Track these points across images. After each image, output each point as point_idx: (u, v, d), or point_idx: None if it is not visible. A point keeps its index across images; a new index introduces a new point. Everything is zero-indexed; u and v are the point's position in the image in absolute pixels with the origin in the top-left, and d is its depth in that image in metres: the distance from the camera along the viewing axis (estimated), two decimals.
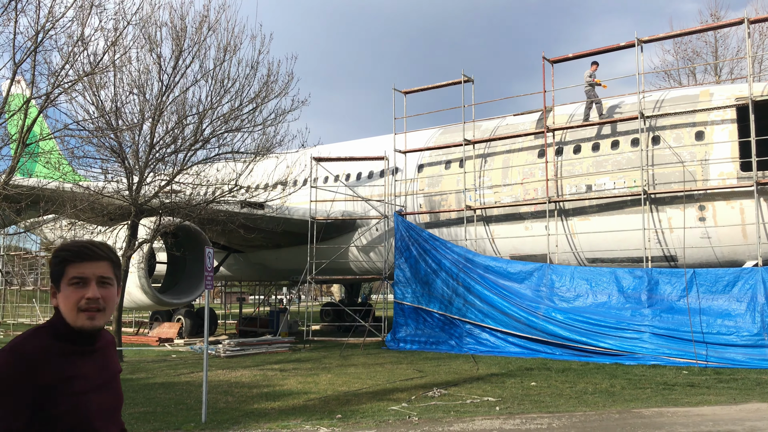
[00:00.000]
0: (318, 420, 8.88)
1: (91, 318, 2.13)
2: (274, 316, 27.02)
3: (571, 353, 16.41)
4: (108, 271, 2.18)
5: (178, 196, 17.76)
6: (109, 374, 2.25)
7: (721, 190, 16.40)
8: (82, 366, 2.14)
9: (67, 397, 2.05)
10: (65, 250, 2.17)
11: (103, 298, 2.15)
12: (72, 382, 2.08)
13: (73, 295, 2.12)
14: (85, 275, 2.13)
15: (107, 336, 2.36)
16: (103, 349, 2.28)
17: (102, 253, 2.19)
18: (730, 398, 10.47)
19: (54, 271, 2.17)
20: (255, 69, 17.27)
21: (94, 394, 2.13)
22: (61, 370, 2.07)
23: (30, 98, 13.07)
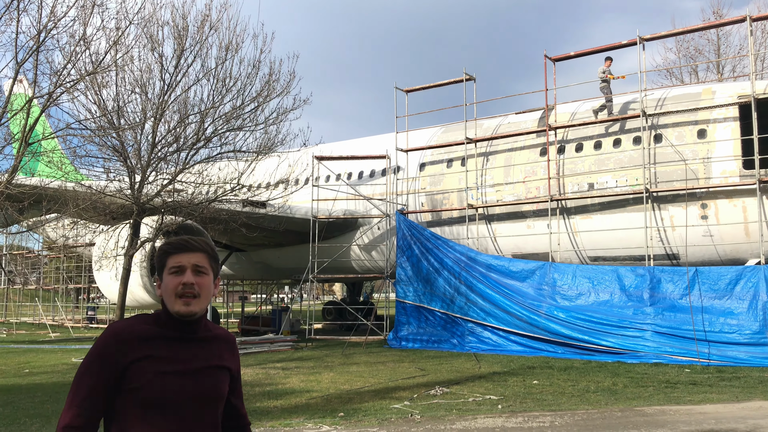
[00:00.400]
0: (320, 418, 8.89)
1: (187, 303, 2.30)
2: (276, 314, 27.04)
3: (574, 351, 16.41)
4: (203, 261, 2.36)
5: (181, 195, 17.78)
6: (205, 365, 2.33)
7: (723, 188, 16.38)
8: (173, 350, 2.28)
9: (148, 374, 2.20)
10: (167, 244, 2.40)
11: (198, 285, 2.32)
12: (156, 361, 2.23)
13: (171, 282, 2.32)
14: (181, 263, 2.32)
15: (220, 332, 2.49)
16: (208, 342, 2.39)
17: (198, 245, 2.38)
18: (733, 396, 10.46)
19: (157, 264, 2.38)
20: (257, 68, 17.29)
21: (178, 378, 2.24)
22: (147, 349, 2.24)
23: (32, 97, 13.10)
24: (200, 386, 2.28)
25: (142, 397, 2.19)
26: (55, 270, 36.33)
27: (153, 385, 2.20)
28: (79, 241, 25.79)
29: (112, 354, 2.22)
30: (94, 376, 2.21)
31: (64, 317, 33.55)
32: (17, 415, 9.40)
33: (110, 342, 2.25)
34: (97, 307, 36.25)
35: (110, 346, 2.24)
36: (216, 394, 2.34)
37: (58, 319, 33.20)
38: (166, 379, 2.22)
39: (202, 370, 2.31)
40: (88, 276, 31.43)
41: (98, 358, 2.23)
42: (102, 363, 2.22)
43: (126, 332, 2.27)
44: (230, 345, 2.49)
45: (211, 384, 2.32)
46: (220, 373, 2.38)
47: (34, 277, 37.13)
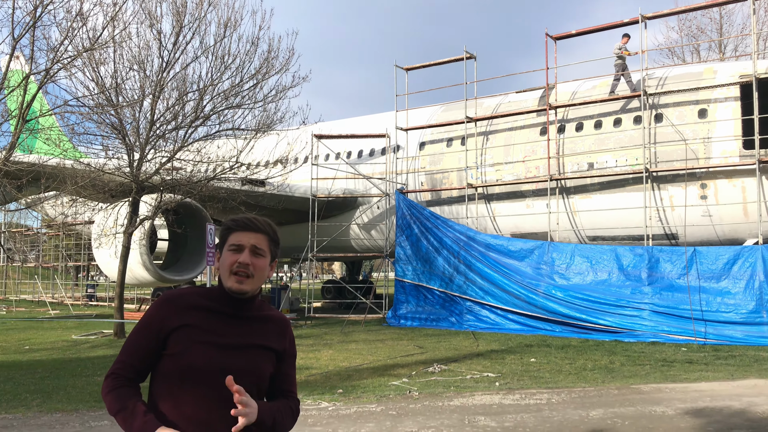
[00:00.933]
0: (320, 395, 8.97)
1: (240, 282, 2.33)
2: (275, 293, 27.13)
3: (571, 330, 16.52)
4: (262, 243, 2.39)
5: (179, 173, 17.74)
6: (246, 343, 2.35)
7: (723, 168, 16.36)
8: (218, 324, 2.33)
9: (187, 342, 2.26)
10: (232, 221, 2.43)
11: (253, 266, 2.35)
12: (198, 331, 2.29)
13: (228, 259, 2.36)
14: (241, 242, 2.36)
15: (273, 314, 2.51)
16: (257, 322, 2.42)
17: (261, 226, 2.42)
18: (728, 374, 10.55)
19: (220, 238, 2.46)
20: (255, 45, 17.14)
21: (215, 350, 2.28)
22: (193, 318, 2.30)
23: (29, 74, 13.00)
24: (236, 361, 2.29)
25: (180, 363, 2.25)
26: (54, 248, 36.39)
27: (190, 353, 2.25)
28: (78, 219, 25.78)
29: (160, 318, 2.31)
30: (141, 337, 2.33)
31: (63, 295, 33.66)
32: (18, 390, 9.47)
33: (160, 307, 2.35)
34: (97, 284, 36.36)
35: (160, 310, 2.34)
36: (252, 371, 2.33)
37: (58, 297, 33.32)
38: (204, 349, 2.26)
39: (242, 347, 2.34)
40: (87, 254, 31.48)
41: (148, 320, 2.34)
42: (150, 326, 2.33)
43: (176, 299, 2.35)
44: (281, 327, 2.51)
45: (248, 361, 2.33)
46: (261, 352, 2.38)
47: (33, 255, 37.19)
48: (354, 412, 7.92)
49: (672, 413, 7.65)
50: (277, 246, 2.49)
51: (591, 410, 7.86)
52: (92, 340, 16.38)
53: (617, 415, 7.60)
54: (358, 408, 8.13)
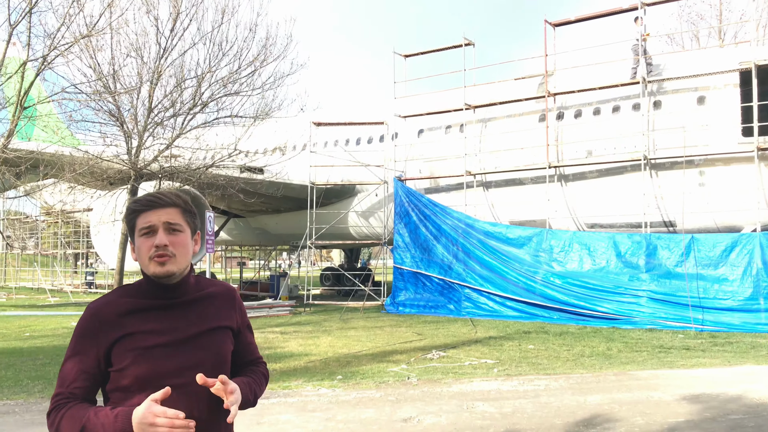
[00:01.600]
0: (319, 381, 9.03)
1: (162, 264, 2.08)
2: (274, 280, 27.22)
3: (569, 317, 16.60)
4: (176, 218, 2.13)
5: (178, 161, 17.73)
6: (199, 331, 2.14)
7: (721, 156, 16.37)
8: (159, 321, 2.10)
9: (133, 352, 2.04)
10: (134, 202, 2.16)
11: (172, 244, 2.10)
12: (140, 337, 2.06)
13: (143, 245, 2.10)
14: (151, 223, 2.10)
15: (215, 288, 2.28)
16: (200, 302, 2.20)
17: (169, 200, 2.15)
18: (725, 361, 10.63)
19: (128, 225, 2.17)
20: (253, 31, 17.12)
21: (168, 350, 2.07)
22: (130, 325, 2.07)
23: (26, 61, 12.96)
24: (195, 355, 2.10)
25: (133, 375, 2.03)
26: (53, 235, 36.38)
27: (140, 363, 2.03)
28: (77, 207, 25.78)
29: (93, 336, 2.06)
30: (78, 362, 2.07)
31: (63, 282, 33.72)
32: (20, 377, 9.52)
33: (90, 323, 2.09)
34: (96, 272, 36.41)
35: (91, 327, 2.08)
36: (214, 360, 2.14)
37: (57, 284, 33.37)
38: (154, 353, 2.05)
39: (196, 336, 2.12)
40: (86, 241, 31.51)
41: (80, 342, 2.09)
42: (84, 348, 2.07)
43: (104, 311, 2.09)
44: (228, 299, 2.28)
45: (209, 350, 2.14)
46: (217, 335, 2.18)
47: (32, 242, 37.20)
48: (353, 398, 7.98)
49: (669, 399, 7.72)
50: (195, 217, 2.22)
51: (588, 396, 7.93)
52: None
53: (615, 400, 7.66)
54: (358, 394, 8.19)
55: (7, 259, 38.34)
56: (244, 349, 2.36)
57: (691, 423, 6.64)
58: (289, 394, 8.27)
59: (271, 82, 17.79)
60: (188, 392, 2.03)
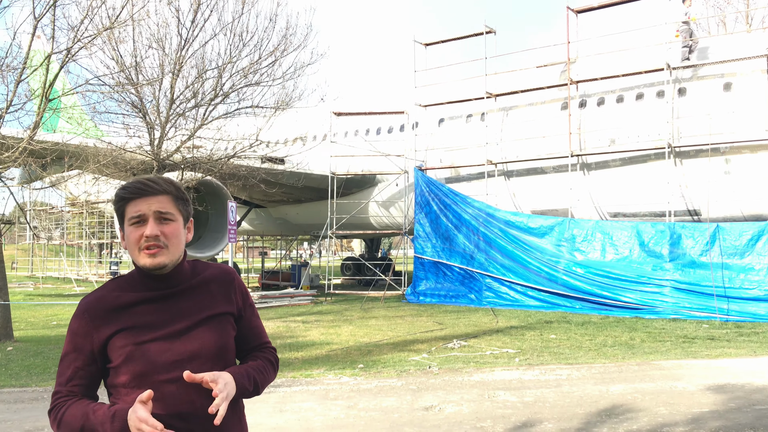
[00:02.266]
0: (341, 369, 9.08)
1: (152, 255, 2.00)
2: (295, 270, 27.40)
3: (591, 307, 16.49)
4: (167, 206, 2.04)
5: (200, 151, 17.85)
6: (194, 321, 2.06)
7: (748, 143, 16.07)
8: (153, 313, 2.03)
9: (127, 348, 1.98)
10: (123, 189, 2.06)
11: (164, 235, 2.01)
12: (133, 332, 1.99)
13: (132, 235, 2.01)
14: (141, 212, 2.01)
15: (211, 272, 2.18)
16: (196, 290, 2.11)
17: (159, 187, 2.04)
18: (751, 351, 10.49)
19: (117, 212, 2.08)
20: (274, 21, 17.08)
21: (163, 344, 2.00)
22: (122, 320, 2.01)
23: (51, 53, 13.09)
24: (191, 346, 2.02)
25: (131, 371, 1.97)
26: (77, 225, 36.92)
27: (136, 359, 1.96)
28: (101, 197, 26.10)
29: (87, 333, 2.01)
30: (73, 360, 2.03)
31: (88, 272, 34.24)
32: (48, 364, 9.72)
33: (82, 321, 2.02)
34: (120, 261, 36.92)
35: (83, 324, 2.02)
36: (214, 349, 2.06)
37: (83, 274, 33.90)
38: (150, 348, 1.97)
39: (191, 327, 2.04)
40: (110, 231, 31.93)
41: (74, 340, 2.03)
42: (78, 346, 2.02)
43: (96, 307, 2.02)
44: (226, 284, 2.17)
45: (207, 340, 2.05)
46: (216, 322, 2.09)
47: (57, 233, 37.78)
48: (375, 386, 8.02)
49: (693, 389, 7.64)
50: (187, 203, 2.13)
51: (611, 386, 7.88)
52: None
53: (637, 390, 7.61)
54: (379, 382, 8.23)
55: (34, 249, 39.03)
56: (249, 334, 2.24)
57: (716, 413, 6.57)
58: (311, 382, 8.33)
59: (292, 72, 17.78)
60: (188, 385, 1.95)
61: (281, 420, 6.48)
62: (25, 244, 41.67)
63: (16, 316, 14.79)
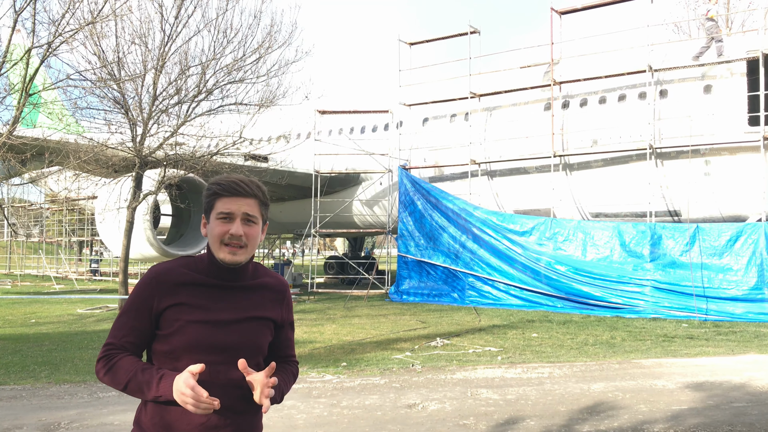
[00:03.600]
0: (324, 368, 9.07)
1: (233, 253, 2.17)
2: (278, 268, 27.28)
3: (573, 306, 16.63)
4: (254, 209, 2.20)
5: (182, 148, 17.72)
6: (241, 317, 2.21)
7: (727, 145, 16.30)
8: (210, 298, 2.19)
9: (179, 322, 2.13)
10: (217, 184, 2.21)
11: (246, 236, 2.18)
12: (189, 309, 2.15)
13: (218, 229, 2.17)
14: (231, 211, 2.17)
15: (269, 280, 2.34)
16: (252, 290, 2.27)
17: (250, 190, 2.20)
18: (729, 350, 10.64)
19: (205, 204, 2.23)
20: (258, 18, 17.01)
21: (209, 328, 2.14)
22: (183, 295, 2.16)
23: (31, 47, 12.92)
24: (231, 337, 2.17)
25: (174, 344, 2.13)
26: (57, 223, 36.49)
27: (183, 332, 2.12)
28: (81, 194, 25.83)
29: (149, 297, 2.18)
30: (131, 318, 2.19)
31: (67, 269, 33.85)
32: (26, 362, 9.59)
33: (148, 286, 2.19)
34: (101, 259, 36.54)
35: (148, 289, 2.19)
36: (249, 347, 2.20)
37: (62, 272, 33.51)
38: (196, 328, 2.13)
39: (238, 320, 2.20)
40: (90, 228, 31.61)
41: (137, 300, 2.20)
42: (139, 306, 2.19)
43: (164, 276, 2.19)
44: (278, 294, 2.35)
45: (244, 337, 2.20)
46: (258, 324, 2.24)
47: (36, 230, 37.30)
48: (358, 384, 8.02)
49: (672, 387, 7.74)
50: (267, 208, 2.30)
51: (592, 384, 7.95)
52: (97, 314, 16.52)
53: (618, 388, 7.69)
54: (362, 381, 8.23)
55: (12, 246, 38.49)
56: (282, 344, 2.41)
57: (695, 411, 6.66)
58: None
59: (276, 69, 17.71)
60: (218, 371, 2.12)
61: (264, 418, 6.45)
62: (3, 241, 41.08)
63: None
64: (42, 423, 6.27)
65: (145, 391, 2.08)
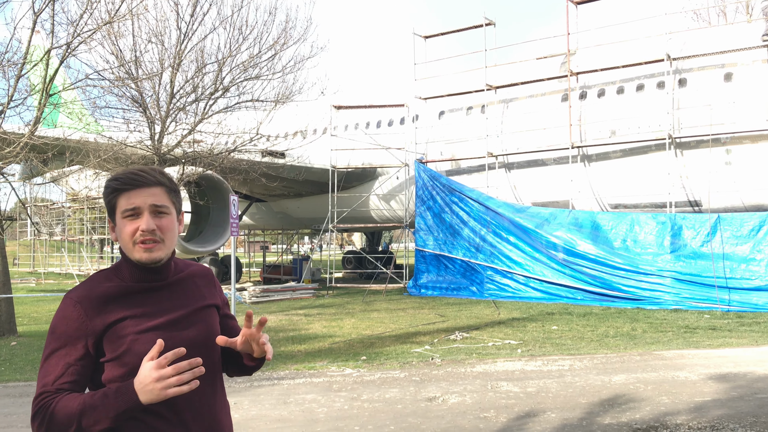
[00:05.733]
0: (344, 362, 9.12)
1: (149, 251, 1.96)
2: (297, 263, 27.41)
3: (593, 298, 16.52)
4: (162, 199, 1.99)
5: (200, 146, 17.85)
6: (187, 311, 2.05)
7: (749, 134, 16.06)
8: (146, 304, 1.98)
9: (126, 338, 1.91)
10: (114, 179, 1.99)
11: (160, 229, 1.97)
12: (131, 322, 1.93)
13: (127, 228, 1.96)
14: (136, 205, 1.95)
15: (193, 269, 2.18)
16: (183, 283, 2.10)
17: (153, 178, 1.99)
18: (752, 341, 10.52)
19: (107, 204, 2.01)
20: (273, 15, 17.05)
21: (164, 332, 1.94)
22: (118, 311, 1.94)
23: (50, 48, 13.07)
24: (189, 334, 2.00)
25: (129, 362, 1.88)
26: (79, 221, 36.95)
27: (136, 348, 1.89)
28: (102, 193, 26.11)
29: (80, 325, 1.90)
30: (63, 356, 1.90)
31: (89, 267, 34.29)
32: None
33: (75, 312, 1.91)
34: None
35: (75, 317, 1.91)
36: (207, 337, 2.05)
37: (84, 269, 33.95)
38: (151, 337, 1.90)
39: (186, 316, 2.03)
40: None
41: (64, 334, 1.91)
42: (70, 338, 1.90)
43: (88, 297, 1.93)
44: (208, 279, 2.20)
45: (200, 329, 2.05)
46: (206, 313, 2.10)
47: (59, 229, 37.80)
48: (378, 378, 8.05)
49: (695, 378, 7.67)
50: (179, 195, 2.09)
51: (613, 376, 7.91)
52: None
53: (640, 380, 7.64)
54: (382, 374, 8.26)
55: (36, 245, 39.06)
56: (231, 324, 2.26)
57: (718, 402, 6.60)
58: (315, 374, 8.36)
59: (292, 65, 17.75)
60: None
61: (285, 411, 6.51)
62: (26, 240, 41.68)
63: (20, 312, 14.83)
64: None
65: (103, 415, 1.79)
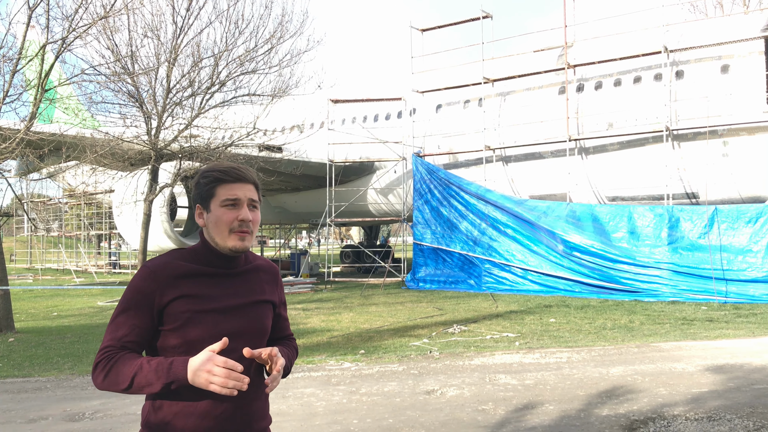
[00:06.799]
0: (342, 355, 9.13)
1: (242, 239, 2.15)
2: (295, 258, 27.43)
3: (590, 290, 16.56)
4: (255, 195, 2.21)
5: (197, 140, 17.81)
6: (246, 302, 2.20)
7: (745, 125, 16.08)
8: (212, 287, 2.15)
9: (185, 314, 2.08)
10: (216, 170, 2.18)
11: (253, 221, 2.18)
12: (193, 300, 2.10)
13: (225, 216, 2.14)
14: (237, 196, 2.15)
15: (261, 262, 2.35)
16: (249, 274, 2.27)
17: (251, 176, 2.21)
18: (749, 332, 10.55)
19: (204, 191, 2.19)
20: (269, 8, 17.00)
21: (217, 316, 2.12)
22: (184, 287, 2.11)
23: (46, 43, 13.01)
24: (240, 324, 2.16)
25: (184, 336, 2.08)
26: (76, 217, 36.91)
27: (193, 324, 2.08)
28: (99, 188, 26.07)
29: (150, 293, 2.09)
30: (131, 316, 2.09)
31: (87, 263, 34.27)
32: (50, 355, 9.75)
33: (147, 281, 2.11)
34: (119, 252, 36.93)
35: (148, 284, 2.10)
36: (257, 330, 2.21)
37: (82, 265, 33.93)
38: (204, 318, 2.09)
39: (243, 306, 2.19)
40: (108, 222, 31.93)
41: (135, 297, 2.10)
42: (139, 303, 2.09)
43: (162, 270, 2.12)
44: (273, 276, 2.36)
45: (252, 321, 2.20)
46: (261, 307, 2.25)
47: (56, 225, 37.75)
48: (376, 371, 8.06)
49: (692, 370, 7.70)
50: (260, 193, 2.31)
51: (611, 368, 7.93)
52: None
53: (637, 372, 7.66)
54: (381, 368, 8.27)
55: (33, 241, 39.02)
56: (281, 325, 2.43)
57: (715, 393, 6.62)
58: (313, 368, 8.37)
59: (288, 59, 17.71)
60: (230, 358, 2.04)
61: (284, 405, 6.52)
62: (23, 236, 41.64)
63: (17, 308, 14.81)
64: (66, 413, 6.38)
65: (155, 380, 1.98)
